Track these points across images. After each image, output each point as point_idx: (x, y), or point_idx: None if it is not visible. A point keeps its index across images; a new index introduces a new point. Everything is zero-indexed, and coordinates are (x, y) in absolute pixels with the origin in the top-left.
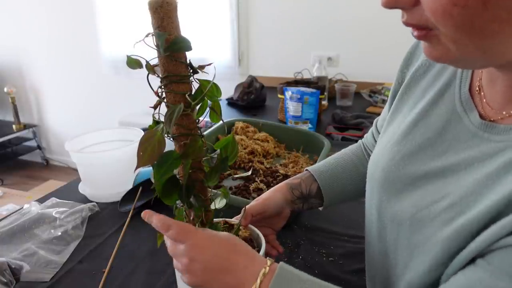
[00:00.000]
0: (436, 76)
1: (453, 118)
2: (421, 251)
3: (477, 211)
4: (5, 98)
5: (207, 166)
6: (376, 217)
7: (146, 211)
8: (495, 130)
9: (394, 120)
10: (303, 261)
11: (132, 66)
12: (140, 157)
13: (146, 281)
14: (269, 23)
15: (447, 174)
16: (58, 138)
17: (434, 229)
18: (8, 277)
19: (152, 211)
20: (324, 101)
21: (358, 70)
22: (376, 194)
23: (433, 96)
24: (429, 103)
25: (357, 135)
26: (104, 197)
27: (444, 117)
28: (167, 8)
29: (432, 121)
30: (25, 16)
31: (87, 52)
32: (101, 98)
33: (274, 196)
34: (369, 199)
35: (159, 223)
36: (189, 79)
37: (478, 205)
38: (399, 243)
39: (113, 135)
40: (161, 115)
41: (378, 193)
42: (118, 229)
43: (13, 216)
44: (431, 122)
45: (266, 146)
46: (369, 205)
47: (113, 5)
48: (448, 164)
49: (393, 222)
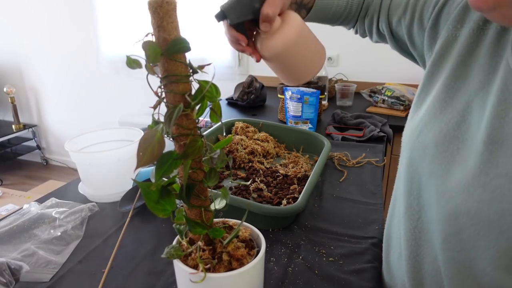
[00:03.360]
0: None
1: (509, 76)
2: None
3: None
4: (5, 98)
5: (207, 166)
6: (420, 189)
7: None
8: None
9: (440, 84)
10: (303, 261)
11: (132, 66)
12: (140, 157)
13: (146, 281)
14: None
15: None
16: (57, 138)
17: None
18: (8, 277)
19: None
20: (324, 101)
21: (358, 70)
22: (429, 162)
23: (489, 56)
24: (488, 64)
25: (357, 135)
26: (104, 197)
27: (502, 78)
28: (167, 8)
29: (492, 85)
30: (25, 16)
31: (87, 52)
32: (100, 98)
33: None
34: (411, 170)
35: None
36: (188, 79)
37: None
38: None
39: (113, 135)
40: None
41: (431, 157)
42: (118, 229)
43: (12, 216)
44: (490, 86)
45: (266, 146)
46: (410, 180)
47: (113, 5)
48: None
49: (460, 192)
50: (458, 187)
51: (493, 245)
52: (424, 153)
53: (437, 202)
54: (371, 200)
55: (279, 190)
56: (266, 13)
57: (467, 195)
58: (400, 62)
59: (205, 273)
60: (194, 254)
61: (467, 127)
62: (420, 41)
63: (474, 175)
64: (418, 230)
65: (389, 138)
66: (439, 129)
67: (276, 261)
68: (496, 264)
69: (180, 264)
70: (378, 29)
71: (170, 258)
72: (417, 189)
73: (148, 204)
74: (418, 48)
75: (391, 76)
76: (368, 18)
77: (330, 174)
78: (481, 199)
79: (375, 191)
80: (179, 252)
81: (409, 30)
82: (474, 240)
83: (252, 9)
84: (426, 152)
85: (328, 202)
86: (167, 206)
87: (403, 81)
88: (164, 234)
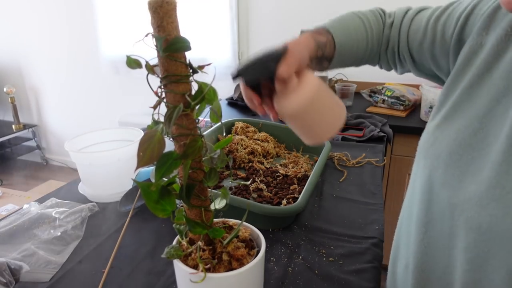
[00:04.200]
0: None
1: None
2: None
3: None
4: (5, 98)
5: (207, 166)
6: (431, 200)
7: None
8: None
9: (465, 91)
10: (303, 261)
11: (132, 66)
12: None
13: (146, 281)
14: (269, 23)
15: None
16: (57, 138)
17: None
18: (8, 277)
19: None
20: None
21: (358, 70)
22: (442, 170)
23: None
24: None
25: (357, 135)
26: (104, 197)
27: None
28: (167, 8)
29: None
30: (25, 16)
31: (87, 52)
32: (101, 98)
33: (305, 49)
34: (425, 178)
35: None
36: (188, 79)
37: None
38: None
39: (113, 135)
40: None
41: (445, 166)
42: (118, 229)
43: (12, 216)
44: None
45: (266, 146)
46: (423, 187)
47: (113, 5)
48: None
49: (473, 205)
50: (471, 200)
51: (503, 264)
52: (437, 161)
53: (448, 215)
54: (371, 200)
55: (279, 190)
56: (281, 74)
57: (480, 208)
58: None
59: (205, 273)
60: (194, 254)
61: (485, 135)
62: (445, 61)
63: (488, 187)
64: (425, 243)
65: (389, 138)
66: (454, 136)
67: (276, 261)
68: (507, 286)
69: (180, 264)
70: (400, 59)
71: (170, 258)
72: (428, 200)
73: (148, 204)
74: (443, 69)
75: (391, 76)
76: (389, 50)
77: (330, 174)
78: (494, 214)
79: (375, 191)
80: (179, 252)
81: (432, 52)
82: (483, 259)
83: (267, 69)
84: (440, 161)
85: (328, 202)
86: (167, 206)
87: (403, 81)
88: (164, 234)
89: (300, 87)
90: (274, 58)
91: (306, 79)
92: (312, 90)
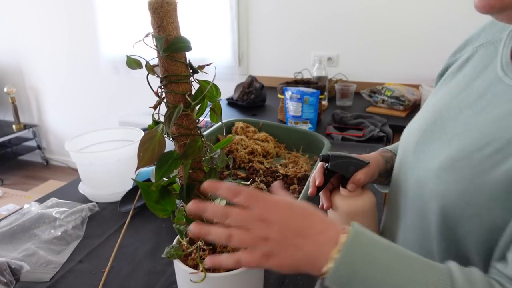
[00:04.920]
0: (477, 63)
1: (493, 82)
2: (469, 200)
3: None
4: (5, 98)
5: (207, 166)
6: (406, 179)
7: (208, 182)
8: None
9: (435, 96)
10: None
11: (132, 66)
12: (140, 157)
13: (146, 281)
14: (269, 23)
15: (488, 125)
16: (58, 138)
17: (477, 175)
18: (8, 277)
19: (214, 181)
20: (324, 101)
21: (358, 70)
22: (411, 156)
23: (475, 73)
24: (471, 78)
25: (357, 135)
26: (104, 197)
27: (485, 84)
28: (167, 8)
29: (473, 90)
30: (25, 16)
31: (87, 52)
32: (101, 98)
33: (377, 166)
34: (402, 165)
35: (227, 191)
36: (188, 79)
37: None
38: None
39: (113, 135)
40: (161, 115)
41: (413, 152)
42: (118, 229)
43: (13, 216)
44: (472, 91)
45: (266, 146)
46: (403, 170)
47: (113, 5)
48: (489, 117)
49: (434, 178)
50: (432, 173)
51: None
52: (407, 147)
53: (417, 189)
54: None
55: None
56: (359, 178)
57: (437, 179)
58: (400, 62)
59: (205, 273)
60: (194, 254)
61: (443, 123)
62: None
63: (442, 162)
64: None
65: (389, 138)
66: (418, 127)
67: None
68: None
69: (180, 264)
70: None
71: (170, 258)
72: (404, 180)
73: (148, 204)
74: None
75: (391, 76)
76: None
77: None
78: (448, 181)
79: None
80: (179, 252)
81: None
82: (455, 224)
83: (347, 168)
84: (409, 147)
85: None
86: (167, 206)
87: (403, 81)
88: (164, 234)
89: (361, 195)
90: (357, 165)
91: (367, 193)
92: (369, 203)
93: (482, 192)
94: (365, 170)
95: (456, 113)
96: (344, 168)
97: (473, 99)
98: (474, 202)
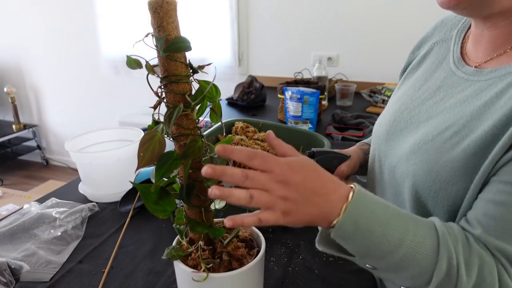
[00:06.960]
0: (433, 59)
1: (448, 75)
2: (435, 177)
3: (481, 130)
4: (5, 98)
5: None
6: (381, 166)
7: (221, 146)
8: (482, 73)
9: (399, 90)
10: (303, 261)
11: (132, 66)
12: (140, 157)
13: (146, 281)
14: (269, 23)
15: (446, 112)
16: (58, 138)
17: (440, 155)
18: (8, 277)
19: (228, 145)
20: (324, 101)
21: (358, 70)
22: (384, 145)
23: (432, 68)
24: (429, 72)
25: (357, 135)
26: (104, 197)
27: (442, 77)
28: (167, 8)
29: (432, 83)
30: (25, 16)
31: (87, 52)
32: (101, 98)
33: (358, 159)
34: (376, 153)
35: (242, 154)
36: (188, 79)
37: (481, 126)
38: (409, 178)
39: (113, 135)
40: (161, 115)
41: (385, 141)
42: (118, 229)
43: (13, 216)
44: (431, 83)
45: (266, 146)
46: (377, 158)
47: (113, 5)
48: (447, 105)
49: (405, 161)
50: (401, 157)
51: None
52: (380, 138)
53: (391, 172)
54: None
55: None
56: (342, 170)
57: (406, 161)
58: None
59: (207, 272)
60: (194, 254)
61: (410, 115)
62: None
63: (410, 146)
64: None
65: None
66: (388, 118)
67: (276, 261)
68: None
69: (180, 265)
70: None
71: (171, 259)
72: (379, 167)
73: (147, 205)
74: None
75: (391, 76)
76: None
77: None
78: (416, 163)
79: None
80: (180, 253)
81: None
82: (425, 199)
83: (331, 162)
84: (382, 138)
85: None
86: (167, 206)
87: None
88: (164, 234)
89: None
90: (340, 159)
91: (351, 182)
92: None
93: (445, 169)
94: (347, 162)
95: (419, 103)
96: (328, 162)
97: (433, 90)
98: (440, 178)
